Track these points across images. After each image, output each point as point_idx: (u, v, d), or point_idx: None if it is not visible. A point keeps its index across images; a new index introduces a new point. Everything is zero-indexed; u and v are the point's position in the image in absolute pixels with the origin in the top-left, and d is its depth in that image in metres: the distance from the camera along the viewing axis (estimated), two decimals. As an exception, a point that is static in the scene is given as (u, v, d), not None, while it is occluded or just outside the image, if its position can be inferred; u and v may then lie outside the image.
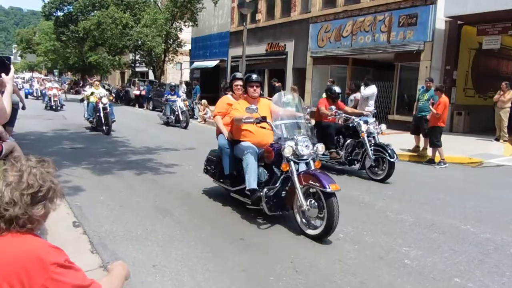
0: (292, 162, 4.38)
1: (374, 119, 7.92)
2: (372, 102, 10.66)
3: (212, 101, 19.83)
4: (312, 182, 4.16)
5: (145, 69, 34.94)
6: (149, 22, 25.00)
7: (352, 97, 11.35)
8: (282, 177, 4.57)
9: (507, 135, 12.06)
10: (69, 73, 54.12)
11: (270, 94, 17.25)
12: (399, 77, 15.66)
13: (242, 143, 4.94)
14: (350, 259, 3.76)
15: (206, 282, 3.23)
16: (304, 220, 4.36)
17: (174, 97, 15.88)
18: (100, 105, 11.96)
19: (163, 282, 3.20)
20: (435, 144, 8.75)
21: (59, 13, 31.49)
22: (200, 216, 4.86)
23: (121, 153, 8.98)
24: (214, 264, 3.56)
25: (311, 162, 4.51)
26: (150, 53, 27.10)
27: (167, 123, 15.60)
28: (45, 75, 46.55)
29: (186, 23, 27.18)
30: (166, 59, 28.57)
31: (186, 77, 31.88)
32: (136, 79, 29.77)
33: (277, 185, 4.57)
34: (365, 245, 4.08)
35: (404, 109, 15.39)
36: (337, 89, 8.23)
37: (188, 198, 5.67)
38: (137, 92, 25.72)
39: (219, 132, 5.46)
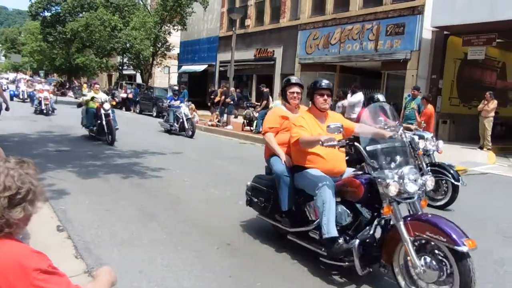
0: (395, 203, 3.16)
1: (431, 134, 6.47)
2: (358, 109, 10.76)
3: (199, 106, 19.86)
4: (431, 234, 2.88)
5: (132, 72, 34.71)
6: (138, 25, 24.90)
7: (339, 104, 11.45)
8: (376, 222, 3.38)
9: (490, 144, 12.28)
10: (55, 74, 53.50)
11: (258, 99, 17.32)
12: (386, 85, 15.85)
13: (311, 172, 3.67)
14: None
15: (193, 287, 3.21)
16: (408, 282, 3.13)
17: (177, 103, 14.41)
18: (102, 112, 10.59)
19: (150, 287, 3.17)
20: None
21: (46, 13, 31.22)
22: (187, 221, 4.83)
23: (107, 156, 8.89)
24: (201, 269, 3.53)
25: (418, 201, 3.27)
26: (138, 56, 26.95)
27: (169, 131, 14.14)
28: (30, 76, 45.93)
29: (175, 27, 27.14)
30: (154, 62, 28.44)
31: (174, 81, 31.76)
32: (124, 82, 29.58)
33: (369, 232, 3.33)
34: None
35: (390, 116, 15.54)
36: (381, 97, 6.36)
37: (175, 202, 5.63)
38: (124, 95, 25.55)
39: (270, 153, 4.20)
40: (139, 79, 33.88)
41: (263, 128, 4.39)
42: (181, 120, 13.65)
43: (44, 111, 17.56)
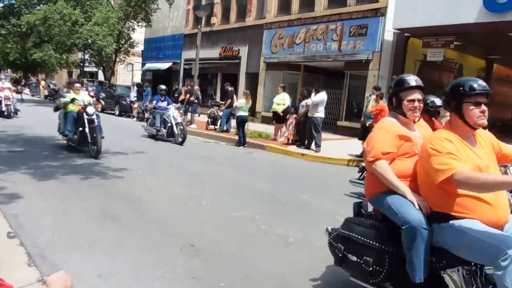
0: None
1: None
2: (322, 108, 10.95)
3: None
4: None
5: (94, 69, 33.75)
6: (101, 21, 24.17)
7: (303, 103, 11.56)
8: None
9: None
10: (9, 70, 51.01)
11: (222, 98, 17.23)
12: (349, 85, 16.17)
13: (472, 226, 2.34)
14: (301, 263, 3.77)
15: (154, 291, 3.12)
16: None
17: (164, 104, 12.75)
18: (85, 117, 8.73)
19: (108, 292, 3.06)
20: None
21: (-1, 4, 29.68)
22: (149, 222, 4.71)
23: (65, 156, 8.56)
24: (163, 271, 3.45)
25: None
26: (100, 52, 26.19)
27: (154, 136, 12.63)
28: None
29: (140, 23, 26.57)
30: (117, 59, 27.75)
31: (138, 78, 31.12)
32: (85, 79, 28.65)
33: None
34: (315, 249, 4.12)
35: (352, 116, 15.89)
36: (437, 101, 5.42)
37: (137, 203, 5.49)
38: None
39: (381, 189, 2.78)
40: (101, 77, 32.98)
41: (369, 153, 2.83)
42: (169, 124, 12.16)
43: (5, 113, 15.02)
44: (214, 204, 5.62)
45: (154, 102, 13.27)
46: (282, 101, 12.75)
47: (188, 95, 16.30)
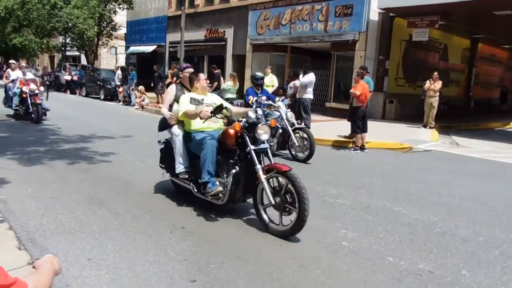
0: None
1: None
2: (310, 90, 10.89)
3: (149, 88, 19.27)
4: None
5: (77, 53, 33.08)
6: (80, 3, 23.62)
7: (291, 84, 11.52)
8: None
9: (434, 122, 12.92)
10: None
11: (209, 81, 17.06)
12: (336, 66, 16.15)
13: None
14: (290, 243, 3.82)
15: (146, 273, 3.13)
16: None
17: (264, 98, 8.14)
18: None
19: (100, 276, 3.06)
20: (354, 130, 9.19)
21: (-26, -12, 28.67)
22: (138, 206, 4.70)
23: (51, 141, 8.44)
24: (154, 254, 3.45)
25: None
26: (81, 36, 25.64)
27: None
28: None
29: (121, 6, 25.98)
30: (100, 43, 27.20)
31: (122, 62, 30.60)
32: (67, 64, 28.05)
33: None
34: (304, 229, 4.17)
35: (340, 97, 15.92)
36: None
37: (125, 187, 5.46)
38: (69, 78, 24.29)
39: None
40: (84, 61, 32.34)
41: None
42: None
43: (33, 115, 11.04)
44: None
45: (252, 97, 8.28)
46: (271, 82, 12.68)
47: (174, 78, 16.09)
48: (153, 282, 3.00)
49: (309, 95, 10.94)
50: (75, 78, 23.96)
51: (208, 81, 6.39)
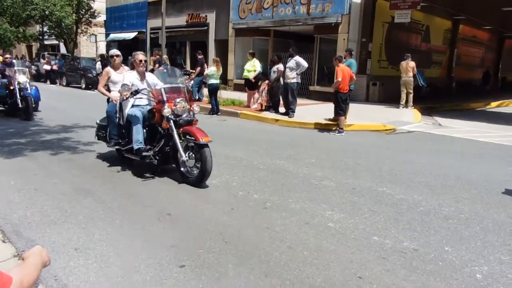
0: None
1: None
2: (294, 73, 10.92)
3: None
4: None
5: (55, 42, 32.27)
6: (57, -10, 22.96)
7: (274, 68, 11.48)
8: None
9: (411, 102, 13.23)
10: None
11: (193, 67, 16.91)
12: (319, 49, 16.12)
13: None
14: (278, 226, 3.86)
15: (134, 260, 3.13)
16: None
17: None
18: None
19: (87, 265, 3.05)
20: (338, 112, 9.26)
21: None
22: (125, 194, 4.67)
23: (33, 133, 8.28)
24: (142, 241, 3.45)
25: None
26: (59, 24, 25.04)
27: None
28: None
29: (100, -8, 25.39)
30: (79, 30, 26.60)
31: (103, 50, 29.99)
32: (46, 53, 27.41)
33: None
34: (291, 212, 4.21)
35: (324, 80, 15.94)
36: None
37: (110, 176, 5.41)
38: (48, 67, 23.75)
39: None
40: (63, 49, 31.62)
41: None
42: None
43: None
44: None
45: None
46: (252, 67, 12.62)
47: (157, 65, 15.88)
48: (142, 269, 3.01)
49: (296, 79, 11.00)
50: (54, 67, 23.44)
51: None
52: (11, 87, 10.01)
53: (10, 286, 1.18)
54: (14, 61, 11.50)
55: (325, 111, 11.00)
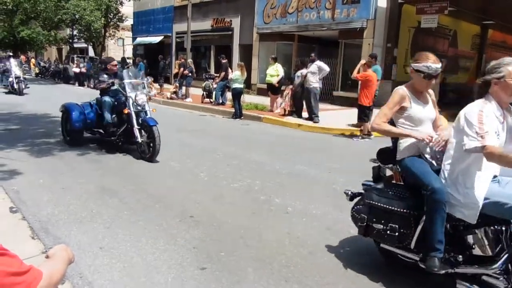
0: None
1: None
2: (318, 78, 10.94)
3: (156, 79, 19.31)
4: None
5: (84, 45, 33.06)
6: (87, -5, 23.60)
7: (298, 73, 11.48)
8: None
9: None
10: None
11: (217, 71, 17.07)
12: (343, 54, 16.00)
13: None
14: (299, 231, 3.85)
15: (157, 261, 3.18)
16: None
17: None
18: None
19: (112, 264, 3.12)
20: (362, 118, 9.19)
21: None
22: (148, 196, 4.75)
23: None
24: (164, 242, 3.51)
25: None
26: (89, 28, 25.65)
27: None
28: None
29: (128, -3, 25.96)
30: (107, 34, 27.22)
31: (130, 53, 30.63)
32: (75, 56, 28.15)
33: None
34: (312, 217, 4.20)
35: (348, 85, 15.81)
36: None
37: (135, 177, 5.52)
38: (77, 70, 24.38)
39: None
40: (91, 52, 32.39)
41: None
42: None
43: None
44: (212, 176, 5.66)
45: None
46: (275, 72, 12.64)
47: (182, 69, 16.11)
48: (164, 270, 3.06)
49: (317, 84, 11.02)
50: (83, 70, 24.04)
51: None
52: (126, 111, 6.71)
53: (41, 280, 1.23)
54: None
55: (348, 116, 10.92)
